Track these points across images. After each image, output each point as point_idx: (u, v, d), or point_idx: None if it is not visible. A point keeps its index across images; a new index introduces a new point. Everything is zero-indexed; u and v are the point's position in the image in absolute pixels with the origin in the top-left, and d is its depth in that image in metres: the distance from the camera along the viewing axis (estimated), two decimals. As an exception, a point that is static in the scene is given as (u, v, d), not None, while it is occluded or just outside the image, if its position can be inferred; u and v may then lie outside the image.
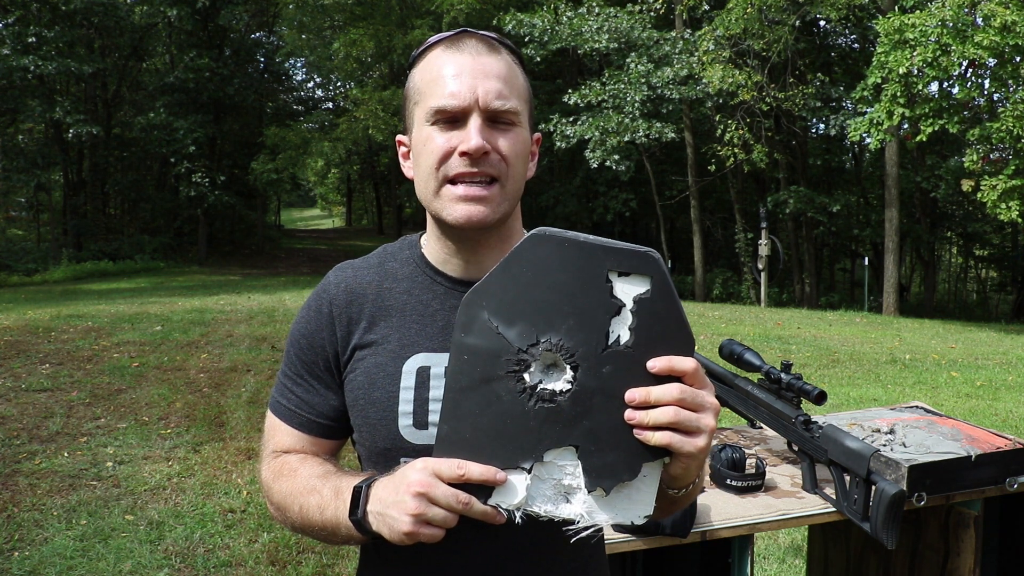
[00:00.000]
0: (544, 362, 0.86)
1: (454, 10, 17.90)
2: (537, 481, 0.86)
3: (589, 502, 0.86)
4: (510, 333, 0.85)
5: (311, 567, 3.53)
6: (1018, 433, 5.54)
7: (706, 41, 15.36)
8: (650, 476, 0.86)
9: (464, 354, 0.87)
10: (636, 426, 0.83)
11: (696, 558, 1.73)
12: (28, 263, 20.45)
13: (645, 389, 0.83)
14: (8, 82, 19.38)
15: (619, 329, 0.84)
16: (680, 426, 0.82)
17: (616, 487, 0.85)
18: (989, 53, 11.08)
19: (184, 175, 22.64)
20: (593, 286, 0.84)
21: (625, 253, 0.84)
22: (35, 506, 4.09)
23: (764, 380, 1.79)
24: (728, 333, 10.05)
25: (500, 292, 0.86)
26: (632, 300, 0.84)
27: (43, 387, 6.35)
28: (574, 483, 0.86)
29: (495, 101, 0.99)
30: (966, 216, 20.42)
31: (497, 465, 0.86)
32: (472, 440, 0.87)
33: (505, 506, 0.86)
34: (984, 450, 1.70)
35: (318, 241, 33.78)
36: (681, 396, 0.83)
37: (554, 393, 0.85)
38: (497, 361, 0.86)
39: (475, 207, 1.00)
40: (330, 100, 31.93)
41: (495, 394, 0.86)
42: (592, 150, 15.83)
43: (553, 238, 0.85)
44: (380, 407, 1.05)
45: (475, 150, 0.98)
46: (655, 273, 0.84)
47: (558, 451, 0.85)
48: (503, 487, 0.86)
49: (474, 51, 1.02)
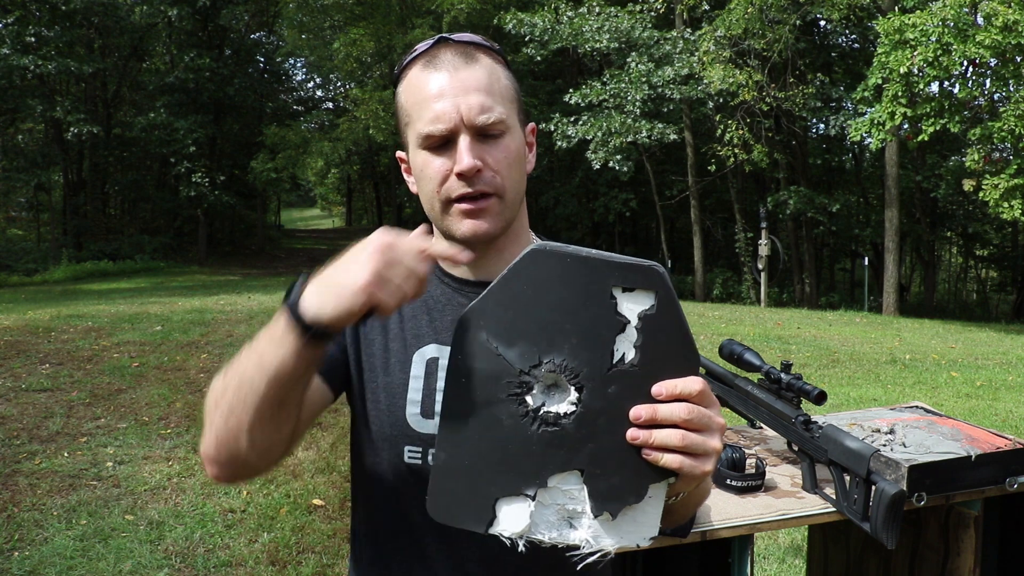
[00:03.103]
0: (547, 384, 0.82)
1: (454, 10, 17.89)
2: (541, 507, 0.83)
3: (594, 527, 0.83)
4: (510, 354, 0.82)
5: (311, 567, 3.53)
6: (1018, 433, 5.54)
7: (706, 41, 15.36)
8: (656, 497, 0.83)
9: (462, 377, 0.83)
10: (642, 446, 0.80)
11: (696, 558, 1.73)
12: (28, 263, 20.45)
13: (652, 407, 0.80)
14: (8, 82, 19.39)
15: (624, 347, 0.81)
16: (688, 449, 0.80)
17: (622, 511, 0.82)
18: (991, 52, 11.08)
19: (184, 175, 22.64)
20: (596, 303, 0.81)
21: (629, 268, 0.81)
22: (35, 506, 4.09)
23: (764, 380, 1.79)
24: (728, 333, 10.04)
25: (499, 312, 0.83)
26: (637, 317, 0.81)
27: (43, 387, 6.35)
28: (579, 508, 0.83)
29: (479, 117, 1.00)
30: (966, 216, 20.43)
31: (498, 493, 0.83)
32: (472, 467, 0.83)
33: (508, 534, 0.83)
34: (984, 450, 1.70)
35: (318, 241, 33.76)
36: (688, 417, 0.80)
37: (558, 416, 0.81)
38: (497, 384, 0.82)
39: (479, 222, 1.02)
40: (330, 100, 31.94)
41: (495, 418, 0.82)
42: (594, 151, 15.82)
43: (554, 254, 0.82)
44: (391, 393, 1.06)
45: (467, 170, 0.99)
46: (660, 287, 0.81)
47: (562, 476, 0.82)
48: (505, 515, 0.83)
49: (451, 66, 1.02)
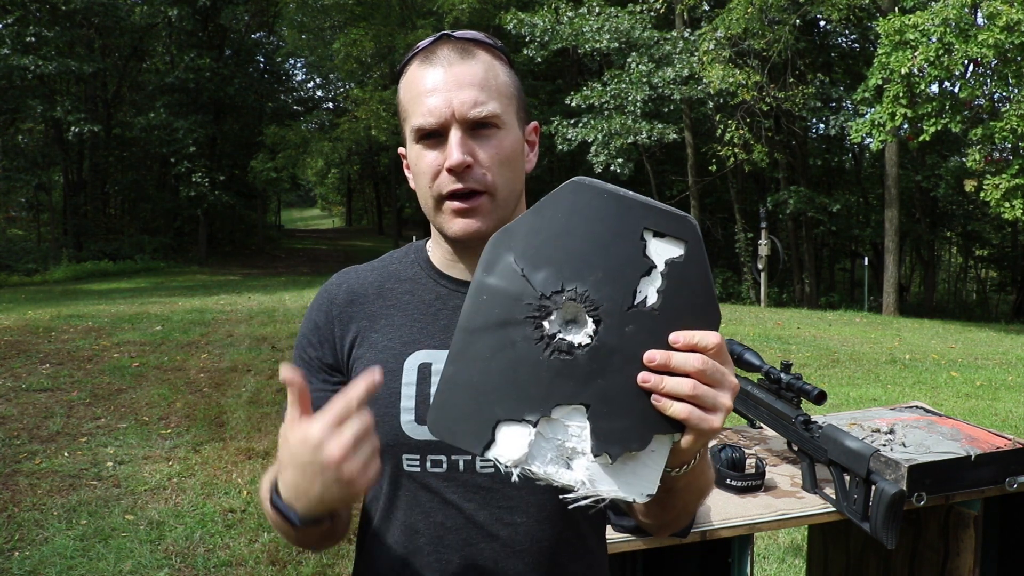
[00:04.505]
0: (566, 312, 0.81)
1: (455, 10, 17.88)
2: (540, 439, 0.82)
3: (592, 469, 0.81)
4: (535, 277, 0.81)
5: (311, 567, 3.53)
6: (1018, 433, 5.54)
7: (706, 41, 15.36)
8: (658, 451, 0.81)
9: (483, 294, 0.82)
10: (651, 391, 0.78)
11: (696, 558, 1.73)
12: (28, 263, 20.43)
13: (666, 353, 0.78)
14: (8, 82, 19.38)
15: (647, 289, 0.80)
16: (698, 401, 0.78)
17: (623, 456, 0.81)
18: (993, 52, 11.07)
19: (184, 175, 22.63)
20: (627, 241, 0.80)
21: (664, 213, 0.80)
22: (35, 506, 4.09)
23: (764, 380, 1.79)
24: (728, 333, 10.04)
25: (529, 235, 0.82)
26: (664, 262, 0.80)
27: (43, 387, 6.35)
28: (578, 447, 0.81)
29: (471, 111, 0.99)
30: (966, 216, 20.43)
31: (501, 415, 0.81)
32: (479, 385, 0.82)
33: (503, 461, 0.81)
34: (984, 450, 1.70)
35: (318, 241, 33.77)
36: (702, 368, 0.78)
37: (572, 345, 0.80)
38: (517, 304, 0.81)
39: (469, 221, 1.01)
40: (330, 100, 31.92)
41: (510, 339, 0.81)
42: (596, 154, 15.81)
43: (592, 187, 0.81)
44: (381, 403, 1.05)
45: (456, 165, 0.98)
46: (691, 238, 0.80)
47: (568, 408, 0.81)
48: (504, 439, 0.82)
49: (447, 61, 1.01)
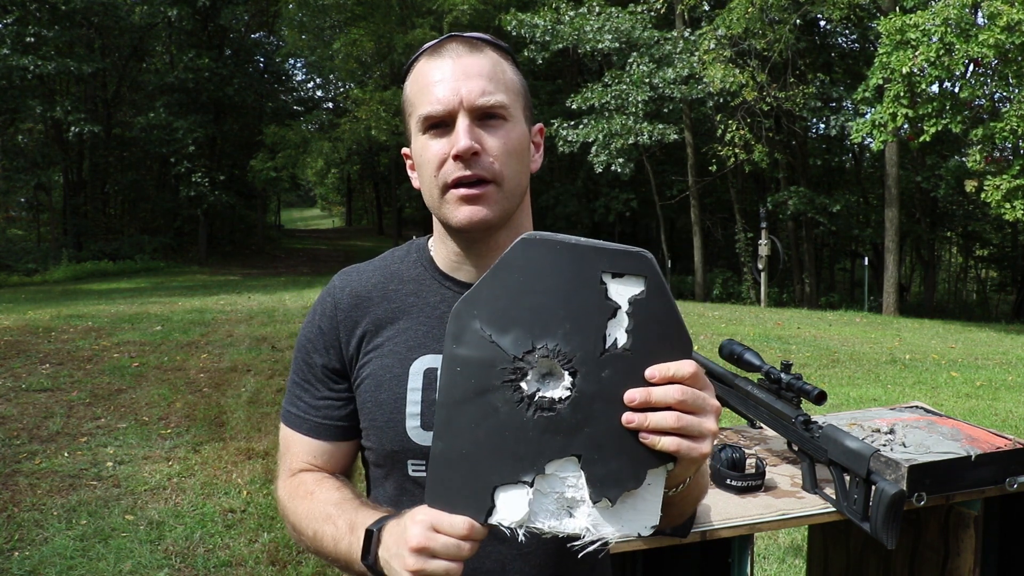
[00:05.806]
0: (541, 369, 0.82)
1: (455, 10, 17.88)
2: (539, 496, 0.83)
3: (594, 515, 0.83)
4: (504, 341, 0.82)
5: (311, 567, 3.53)
6: (1018, 433, 5.54)
7: (707, 41, 15.36)
8: (655, 483, 0.82)
9: (457, 366, 0.84)
10: (637, 429, 0.80)
11: (696, 558, 1.73)
12: (28, 263, 20.45)
13: (645, 390, 0.80)
14: (8, 82, 19.38)
15: (616, 332, 0.81)
16: (684, 431, 0.80)
17: (621, 497, 0.82)
18: (994, 52, 11.07)
19: (184, 175, 22.65)
20: (587, 289, 0.81)
21: (618, 254, 0.82)
22: (35, 506, 4.09)
23: (764, 380, 1.79)
24: (728, 333, 10.04)
25: (491, 300, 0.83)
26: (627, 302, 0.81)
27: (43, 387, 6.35)
28: (577, 495, 0.83)
29: (479, 98, 0.99)
30: (966, 216, 20.43)
31: (496, 481, 0.83)
32: (470, 456, 0.83)
33: (507, 524, 0.83)
34: (984, 450, 1.70)
35: (318, 241, 33.77)
36: (683, 398, 0.80)
37: (553, 401, 0.81)
38: (492, 371, 0.82)
39: (475, 208, 1.00)
40: (330, 100, 31.92)
41: (491, 406, 0.82)
42: (596, 154, 15.81)
43: (544, 242, 0.83)
44: (387, 409, 1.05)
45: (464, 151, 0.98)
46: (649, 273, 0.81)
47: (560, 462, 0.82)
48: (504, 503, 0.83)
49: (455, 54, 1.02)
